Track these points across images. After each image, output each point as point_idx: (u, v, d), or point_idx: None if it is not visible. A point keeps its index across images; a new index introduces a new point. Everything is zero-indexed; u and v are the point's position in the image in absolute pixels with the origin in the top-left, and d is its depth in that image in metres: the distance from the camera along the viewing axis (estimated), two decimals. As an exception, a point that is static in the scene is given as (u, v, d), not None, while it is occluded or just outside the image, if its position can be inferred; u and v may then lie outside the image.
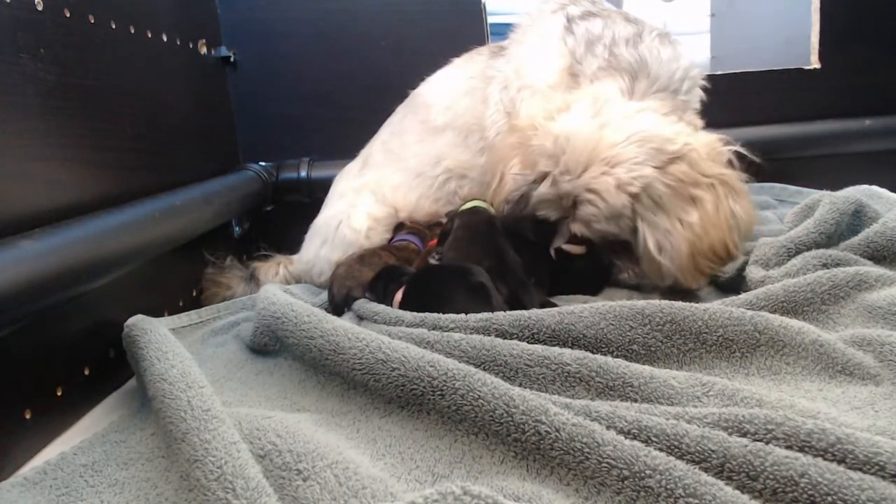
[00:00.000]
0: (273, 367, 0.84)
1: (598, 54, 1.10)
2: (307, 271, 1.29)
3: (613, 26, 1.11)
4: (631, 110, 0.98)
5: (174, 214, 1.05)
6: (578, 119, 0.97)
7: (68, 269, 0.74)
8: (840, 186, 0.99)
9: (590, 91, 1.04)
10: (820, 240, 0.92)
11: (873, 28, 1.67)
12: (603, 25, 1.12)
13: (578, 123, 0.97)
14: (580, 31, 1.13)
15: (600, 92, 1.02)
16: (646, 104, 1.01)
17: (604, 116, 0.96)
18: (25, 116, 0.79)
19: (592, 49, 1.11)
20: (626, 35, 1.10)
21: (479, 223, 1.06)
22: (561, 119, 0.99)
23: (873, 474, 0.46)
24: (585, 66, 1.11)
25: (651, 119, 0.97)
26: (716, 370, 0.71)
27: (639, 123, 0.95)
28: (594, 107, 0.99)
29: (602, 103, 0.99)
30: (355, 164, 1.37)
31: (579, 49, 1.12)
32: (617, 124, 0.95)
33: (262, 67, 1.61)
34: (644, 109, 0.99)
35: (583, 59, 1.11)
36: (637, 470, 0.50)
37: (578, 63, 1.11)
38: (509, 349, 0.69)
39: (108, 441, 0.70)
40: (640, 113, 0.98)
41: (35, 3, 0.82)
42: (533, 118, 1.04)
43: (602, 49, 1.10)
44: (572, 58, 1.12)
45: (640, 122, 0.95)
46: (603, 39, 1.10)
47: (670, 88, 1.07)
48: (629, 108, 0.99)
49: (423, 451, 0.61)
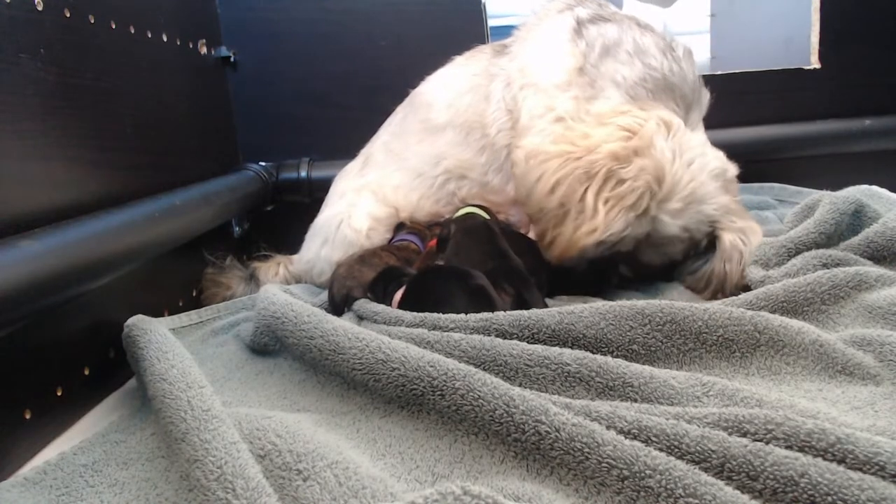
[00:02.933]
0: (273, 367, 0.84)
1: (623, 60, 1.08)
2: (307, 271, 1.29)
3: (631, 32, 1.11)
4: (698, 144, 1.04)
5: (174, 214, 1.05)
6: (670, 155, 0.98)
7: (68, 269, 0.74)
8: (840, 186, 0.99)
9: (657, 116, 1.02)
10: (820, 240, 0.92)
11: (873, 28, 1.67)
12: (618, 30, 1.11)
13: (673, 161, 0.98)
14: (591, 34, 1.12)
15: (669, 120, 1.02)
16: (703, 138, 1.07)
17: (686, 153, 1.00)
18: (25, 116, 0.79)
19: (613, 53, 1.09)
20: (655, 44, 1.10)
21: (478, 227, 1.06)
22: (653, 154, 0.97)
23: (873, 474, 0.46)
24: (605, 70, 1.09)
25: (712, 153, 1.05)
26: (716, 370, 0.71)
27: (710, 160, 1.02)
28: (674, 140, 1.00)
29: (679, 137, 1.01)
30: (356, 164, 1.37)
31: (592, 54, 1.10)
32: (697, 161, 1.00)
33: (262, 67, 1.61)
34: (706, 144, 1.06)
35: (598, 63, 1.10)
36: (637, 470, 0.50)
37: (593, 67, 1.10)
38: (509, 349, 0.69)
39: (108, 441, 0.70)
40: (704, 147, 1.05)
41: (35, 3, 0.82)
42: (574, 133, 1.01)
43: (627, 56, 1.09)
44: (584, 59, 1.11)
45: (710, 159, 1.03)
46: (624, 45, 1.10)
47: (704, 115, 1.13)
48: (697, 140, 1.04)
49: (423, 451, 0.61)
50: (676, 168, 0.98)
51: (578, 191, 0.97)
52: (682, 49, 1.13)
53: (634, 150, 0.97)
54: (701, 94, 1.12)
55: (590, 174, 0.97)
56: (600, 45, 1.11)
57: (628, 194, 0.96)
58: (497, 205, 1.22)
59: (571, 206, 0.98)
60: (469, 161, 1.23)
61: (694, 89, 1.10)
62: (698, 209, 0.99)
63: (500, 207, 1.22)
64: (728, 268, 0.98)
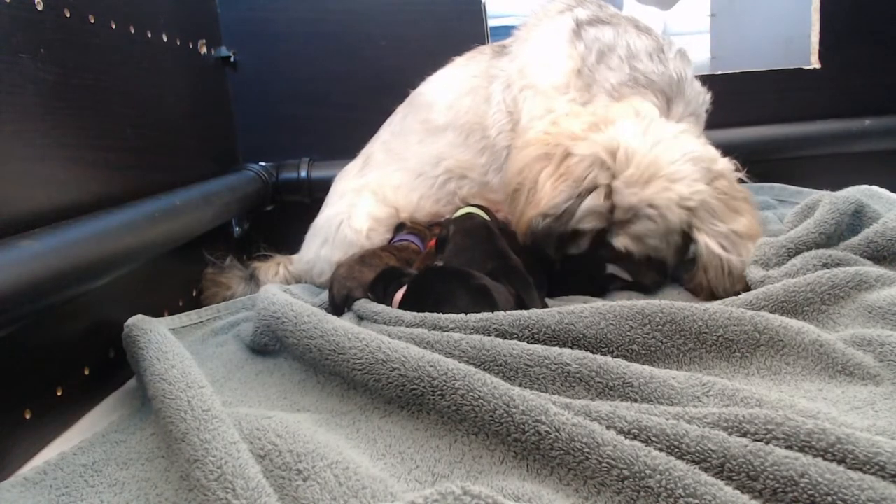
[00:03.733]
0: (273, 367, 0.84)
1: (614, 66, 1.09)
2: (307, 271, 1.29)
3: (626, 35, 1.11)
4: (676, 131, 1.01)
5: (174, 214, 1.05)
6: (632, 133, 0.97)
7: (68, 269, 0.74)
8: (840, 186, 0.99)
9: (630, 106, 1.02)
10: (820, 240, 0.92)
11: (873, 28, 1.67)
12: (614, 34, 1.11)
13: (634, 137, 0.97)
14: (589, 37, 1.12)
15: (641, 108, 1.02)
16: (684, 126, 1.04)
17: (654, 134, 0.98)
18: (25, 116, 0.79)
19: (606, 60, 1.10)
20: (646, 48, 1.10)
21: (476, 227, 1.06)
22: (610, 131, 0.97)
23: (873, 474, 0.46)
24: (599, 76, 1.09)
25: (693, 141, 1.01)
26: (716, 370, 0.71)
27: (686, 144, 0.99)
28: (642, 123, 0.99)
29: (648, 121, 1.00)
30: (356, 164, 1.37)
31: (590, 57, 1.11)
32: (668, 143, 0.97)
33: (262, 67, 1.61)
34: (685, 132, 1.02)
35: (594, 68, 1.10)
36: (637, 470, 0.50)
37: (590, 71, 1.10)
38: (509, 349, 0.69)
39: (108, 441, 0.70)
40: (684, 134, 1.01)
41: (35, 3, 0.82)
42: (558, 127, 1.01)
43: (618, 61, 1.09)
44: (582, 62, 1.11)
45: (686, 143, 0.99)
46: (617, 50, 1.10)
47: (696, 113, 1.11)
48: (674, 128, 1.02)
49: (423, 451, 0.61)
50: (636, 142, 0.96)
51: (536, 169, 1.00)
52: (675, 51, 1.13)
53: (591, 128, 0.98)
54: (684, 90, 1.10)
55: (549, 155, 1.00)
56: (597, 50, 1.11)
57: (575, 166, 0.97)
58: (497, 203, 1.22)
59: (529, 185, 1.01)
60: (470, 161, 1.23)
61: (672, 84, 1.09)
62: (666, 185, 0.95)
63: (499, 206, 1.22)
64: (710, 277, 0.95)
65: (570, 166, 0.98)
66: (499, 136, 1.19)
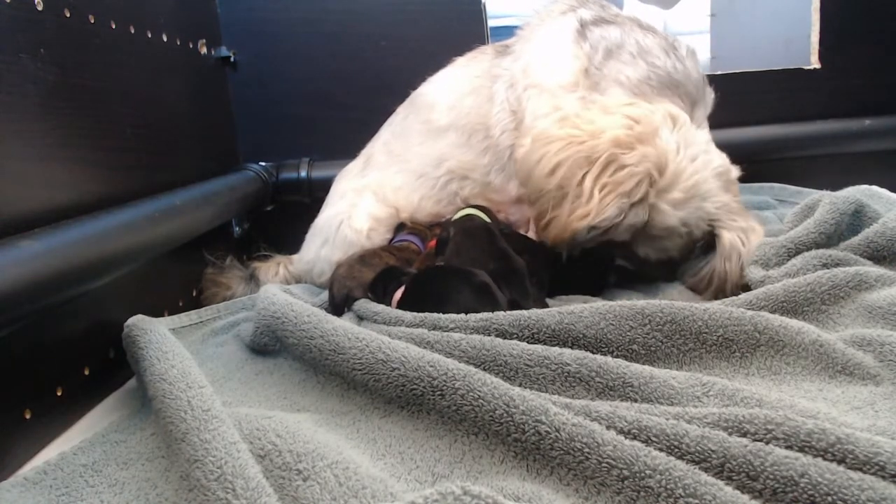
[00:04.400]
0: (273, 367, 0.84)
1: (626, 61, 1.09)
2: (307, 271, 1.29)
3: (633, 34, 1.11)
4: (703, 142, 1.04)
5: (174, 214, 1.05)
6: (674, 147, 0.98)
7: (68, 269, 0.74)
8: (840, 186, 0.99)
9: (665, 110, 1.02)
10: (820, 240, 0.92)
11: (873, 28, 1.67)
12: (620, 32, 1.12)
13: (677, 153, 0.98)
14: (595, 37, 1.12)
15: (676, 115, 1.02)
16: (707, 135, 1.07)
17: (691, 148, 1.00)
18: (25, 116, 0.79)
19: (616, 55, 1.10)
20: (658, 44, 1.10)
21: (477, 228, 1.06)
22: (658, 144, 0.97)
23: (873, 474, 0.46)
24: (608, 71, 1.09)
25: (716, 153, 1.05)
26: (716, 370, 0.71)
27: (713, 158, 1.03)
28: (679, 133, 1.00)
29: (684, 132, 1.01)
30: (356, 164, 1.37)
31: (596, 56, 1.11)
32: (702, 159, 1.00)
33: (262, 67, 1.61)
34: (709, 141, 1.06)
35: (602, 65, 1.10)
36: (637, 470, 0.50)
37: (597, 69, 1.10)
38: (509, 349, 0.69)
39: (108, 441, 0.70)
40: (709, 145, 1.05)
41: (35, 3, 0.82)
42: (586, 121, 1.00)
43: (629, 57, 1.09)
44: (588, 62, 1.11)
45: (713, 157, 1.03)
46: (626, 47, 1.10)
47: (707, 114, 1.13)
48: (702, 138, 1.04)
49: (423, 451, 0.61)
50: (680, 159, 0.98)
51: (577, 174, 0.97)
52: (686, 48, 1.13)
53: (638, 138, 0.97)
54: (705, 93, 1.12)
55: (590, 159, 0.97)
56: (603, 48, 1.11)
57: (626, 180, 0.96)
58: (498, 203, 1.22)
59: (570, 190, 0.98)
60: (472, 162, 1.23)
61: (698, 87, 1.10)
62: (699, 205, 0.99)
63: (500, 206, 1.22)
64: (728, 267, 0.98)
65: (620, 178, 0.96)
66: (502, 136, 1.19)
